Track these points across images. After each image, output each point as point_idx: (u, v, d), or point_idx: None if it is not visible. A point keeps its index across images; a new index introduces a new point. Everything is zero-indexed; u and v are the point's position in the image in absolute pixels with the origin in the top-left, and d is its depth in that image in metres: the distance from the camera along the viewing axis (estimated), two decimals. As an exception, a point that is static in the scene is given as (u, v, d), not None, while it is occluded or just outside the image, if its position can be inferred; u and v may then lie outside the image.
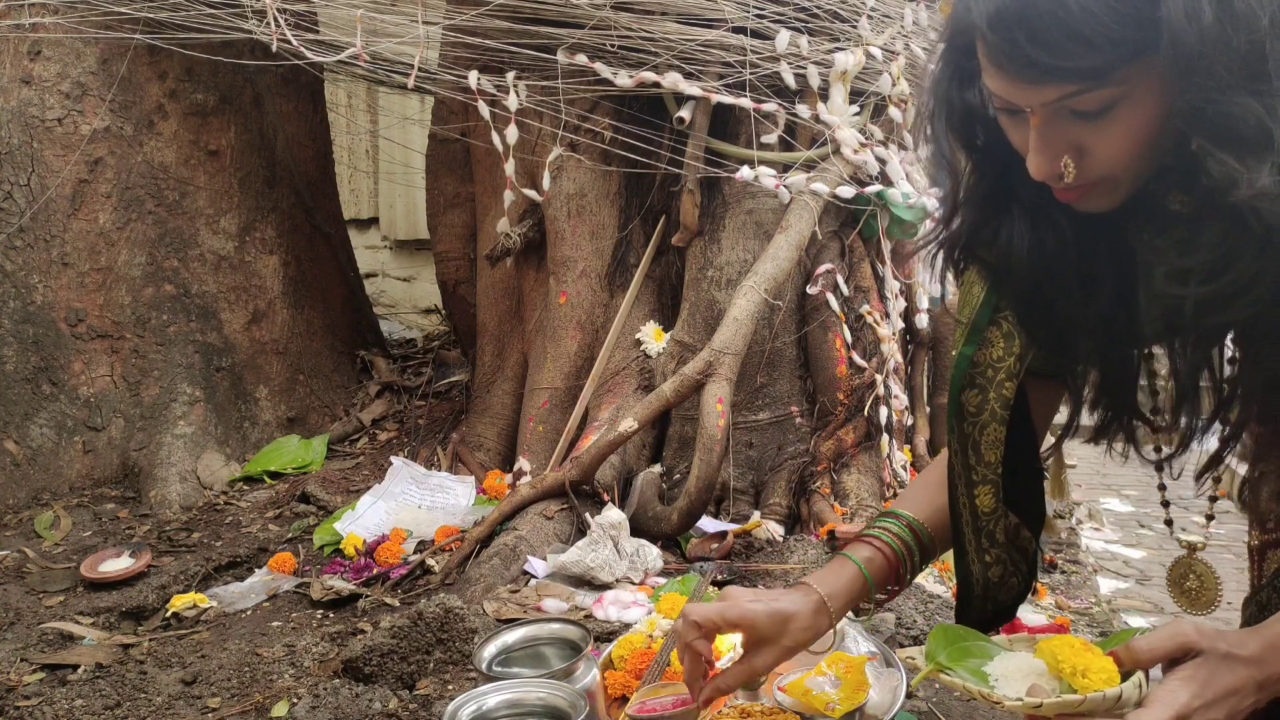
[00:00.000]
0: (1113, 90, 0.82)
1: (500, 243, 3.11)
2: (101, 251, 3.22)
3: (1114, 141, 0.86)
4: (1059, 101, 0.83)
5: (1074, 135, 0.86)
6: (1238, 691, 0.86)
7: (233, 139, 3.46)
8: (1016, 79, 0.84)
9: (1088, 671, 0.87)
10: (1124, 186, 0.90)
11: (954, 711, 1.59)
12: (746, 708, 1.36)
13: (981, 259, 1.05)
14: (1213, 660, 0.87)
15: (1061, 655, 0.89)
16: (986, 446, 1.10)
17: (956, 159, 1.01)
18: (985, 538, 1.13)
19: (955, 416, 1.12)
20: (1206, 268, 0.84)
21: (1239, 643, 0.87)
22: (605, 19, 2.72)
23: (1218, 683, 0.86)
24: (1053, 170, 0.88)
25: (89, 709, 1.72)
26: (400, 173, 5.46)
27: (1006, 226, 1.00)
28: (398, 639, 1.79)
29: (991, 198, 1.01)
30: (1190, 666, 0.87)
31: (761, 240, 2.78)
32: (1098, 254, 0.98)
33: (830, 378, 2.79)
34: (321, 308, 3.80)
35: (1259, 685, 0.87)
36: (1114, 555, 3.05)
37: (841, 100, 2.79)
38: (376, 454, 3.41)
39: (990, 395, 1.09)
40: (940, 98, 0.97)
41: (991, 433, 1.09)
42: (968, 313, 1.12)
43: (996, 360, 1.09)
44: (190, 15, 2.93)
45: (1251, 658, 0.87)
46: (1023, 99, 0.85)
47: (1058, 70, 0.81)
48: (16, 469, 3.06)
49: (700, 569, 2.29)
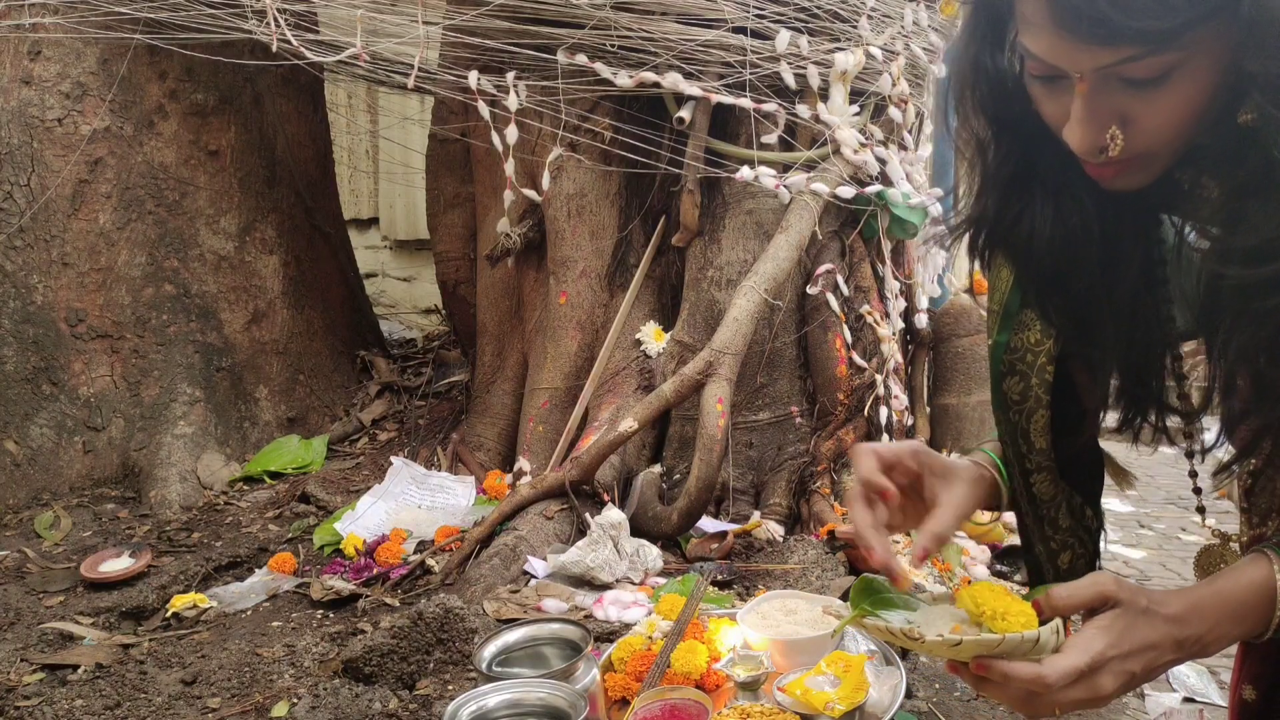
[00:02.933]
0: (1174, 55, 0.76)
1: (500, 243, 3.11)
2: (101, 251, 3.22)
3: (1163, 113, 0.80)
4: (1114, 65, 0.77)
5: (1122, 105, 0.81)
6: (1155, 646, 0.87)
7: (233, 139, 3.46)
8: (1079, 38, 0.77)
9: (1006, 615, 0.88)
10: (1160, 162, 0.85)
11: (954, 712, 1.59)
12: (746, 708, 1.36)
13: (1007, 244, 1.01)
14: (1131, 613, 0.87)
15: (981, 599, 0.90)
16: (1036, 433, 1.06)
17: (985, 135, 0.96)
18: (1049, 525, 1.10)
19: (1000, 407, 1.08)
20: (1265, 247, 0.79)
21: (1161, 600, 0.88)
22: (605, 19, 2.72)
23: (1135, 635, 0.86)
24: (1097, 142, 0.82)
25: (89, 709, 1.72)
26: (400, 173, 5.45)
27: (1030, 210, 0.95)
28: (398, 639, 1.79)
29: (1016, 180, 0.96)
30: (1108, 617, 0.87)
31: (761, 240, 2.78)
32: (1123, 235, 0.94)
33: (830, 378, 2.79)
34: (321, 308, 3.80)
35: (1178, 643, 0.87)
36: (1114, 555, 3.05)
37: (841, 100, 2.79)
38: (376, 454, 3.41)
39: (1033, 381, 1.05)
40: (970, 64, 0.92)
41: (1039, 419, 1.05)
42: (998, 298, 1.08)
43: (1035, 344, 1.05)
44: (190, 15, 2.93)
45: (1173, 616, 0.87)
46: (1075, 62, 0.79)
47: (1127, 30, 0.74)
48: (16, 469, 3.06)
49: (700, 569, 2.29)
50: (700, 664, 1.51)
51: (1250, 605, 0.87)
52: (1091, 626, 0.87)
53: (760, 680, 1.46)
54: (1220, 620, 0.88)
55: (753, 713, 1.35)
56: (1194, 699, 1.94)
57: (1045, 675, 0.85)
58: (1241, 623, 0.88)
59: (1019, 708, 0.91)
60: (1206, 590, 0.89)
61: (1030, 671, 0.85)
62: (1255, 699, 1.05)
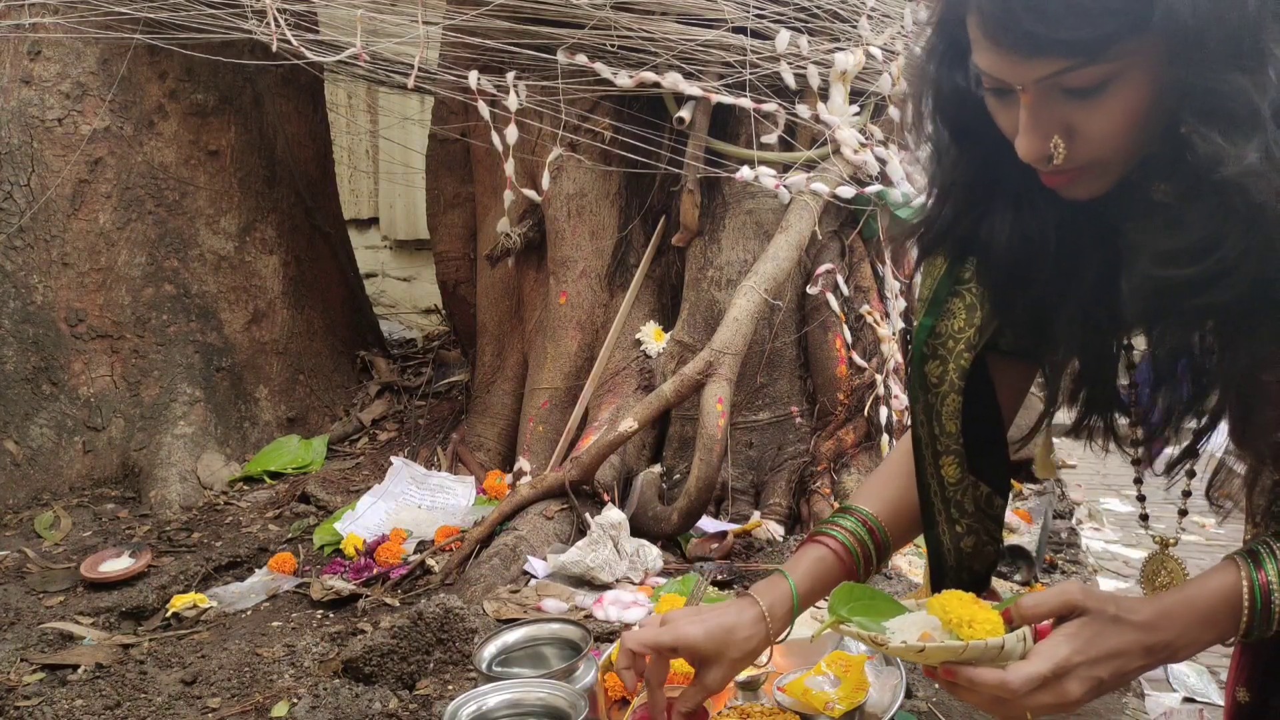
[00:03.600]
0: (1107, 66, 0.81)
1: (500, 243, 3.11)
2: (101, 251, 3.22)
3: (1105, 122, 0.84)
4: (1052, 77, 0.82)
5: (1065, 114, 0.85)
6: (1124, 653, 0.89)
7: (233, 139, 3.46)
8: (1010, 52, 0.83)
9: (973, 623, 0.91)
10: (1113, 171, 0.89)
11: (954, 712, 1.59)
12: (746, 708, 1.36)
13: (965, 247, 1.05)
14: (1099, 621, 0.89)
15: (950, 607, 0.93)
16: (947, 417, 1.10)
17: (942, 143, 1.00)
18: (954, 508, 1.13)
19: (919, 387, 1.13)
20: (1193, 249, 0.83)
21: (1131, 608, 0.90)
22: (605, 19, 2.72)
23: (1103, 643, 0.88)
24: (1042, 150, 0.87)
25: (89, 709, 1.72)
26: (400, 173, 5.46)
27: (989, 217, 0.99)
28: (398, 639, 1.79)
29: (975, 187, 1.00)
30: (1075, 624, 0.90)
31: (761, 240, 2.78)
32: (1081, 243, 0.98)
33: (830, 378, 2.79)
34: (321, 308, 3.80)
35: (1147, 650, 0.89)
36: (1114, 555, 3.05)
37: (841, 100, 2.79)
38: (376, 454, 3.41)
39: (950, 366, 1.09)
40: (929, 79, 0.97)
41: (951, 403, 1.10)
42: (929, 284, 1.12)
43: (957, 331, 1.09)
44: (190, 15, 2.93)
45: (1142, 623, 0.89)
46: (1015, 75, 0.84)
47: (1053, 43, 0.80)
48: (16, 469, 3.06)
49: (700, 569, 2.29)
50: (700, 664, 1.50)
51: (1219, 611, 0.89)
52: (1058, 634, 0.90)
53: (760, 680, 1.46)
54: (1189, 627, 0.90)
55: (753, 713, 1.35)
56: (1194, 699, 1.94)
57: (1009, 681, 0.88)
58: (1211, 628, 0.90)
59: (989, 711, 0.94)
60: (1176, 598, 0.91)
61: (995, 678, 0.88)
62: (1249, 700, 1.07)
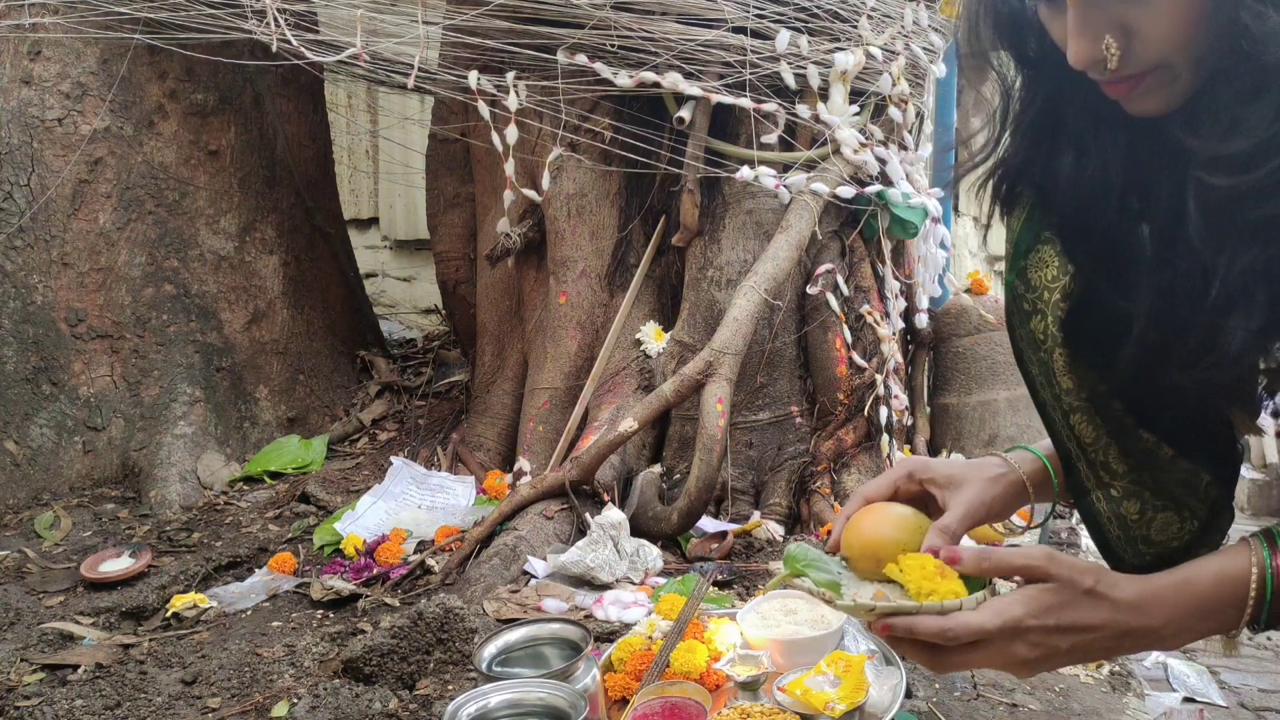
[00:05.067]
0: None
1: (500, 243, 3.11)
2: (101, 251, 3.22)
3: (1162, 19, 0.77)
4: None
5: (1117, 13, 0.78)
6: (1093, 629, 0.84)
7: (233, 139, 3.46)
8: None
9: (934, 594, 0.88)
10: (1182, 78, 0.81)
11: (954, 712, 1.59)
12: (746, 708, 1.36)
13: (1034, 185, 0.97)
14: (1068, 591, 0.84)
15: (910, 575, 0.90)
16: (1059, 373, 0.99)
17: (1010, 76, 0.93)
18: (1102, 470, 0.99)
19: (1029, 347, 1.02)
20: (1253, 152, 0.75)
21: (1114, 583, 0.85)
22: (605, 19, 2.72)
23: (1068, 613, 0.84)
24: (1092, 53, 0.80)
25: (89, 709, 1.72)
26: (400, 173, 5.45)
27: (1055, 157, 0.92)
28: (398, 639, 1.79)
29: (1040, 125, 0.93)
30: (1036, 589, 0.85)
31: (761, 240, 2.78)
32: (1155, 175, 0.89)
33: (830, 378, 2.79)
34: (321, 308, 3.80)
35: (1124, 632, 0.84)
36: (1114, 555, 3.05)
37: (841, 100, 2.79)
38: (376, 454, 3.41)
39: (1049, 318, 0.98)
40: (989, 5, 0.89)
41: (1059, 358, 0.99)
42: (1010, 238, 1.03)
43: (1050, 281, 0.98)
44: (190, 15, 2.93)
45: (1124, 601, 0.84)
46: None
47: None
48: (16, 469, 3.06)
49: (700, 569, 2.29)
50: (700, 664, 1.51)
51: (1221, 599, 0.83)
52: (1018, 593, 0.86)
53: (760, 680, 1.46)
54: (1182, 613, 0.84)
55: (753, 713, 1.35)
56: (1194, 699, 1.94)
57: (948, 628, 0.84)
58: (1210, 617, 0.83)
59: (926, 664, 0.90)
60: (1171, 579, 0.85)
61: (934, 625, 0.84)
62: None
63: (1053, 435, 1.02)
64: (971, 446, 2.94)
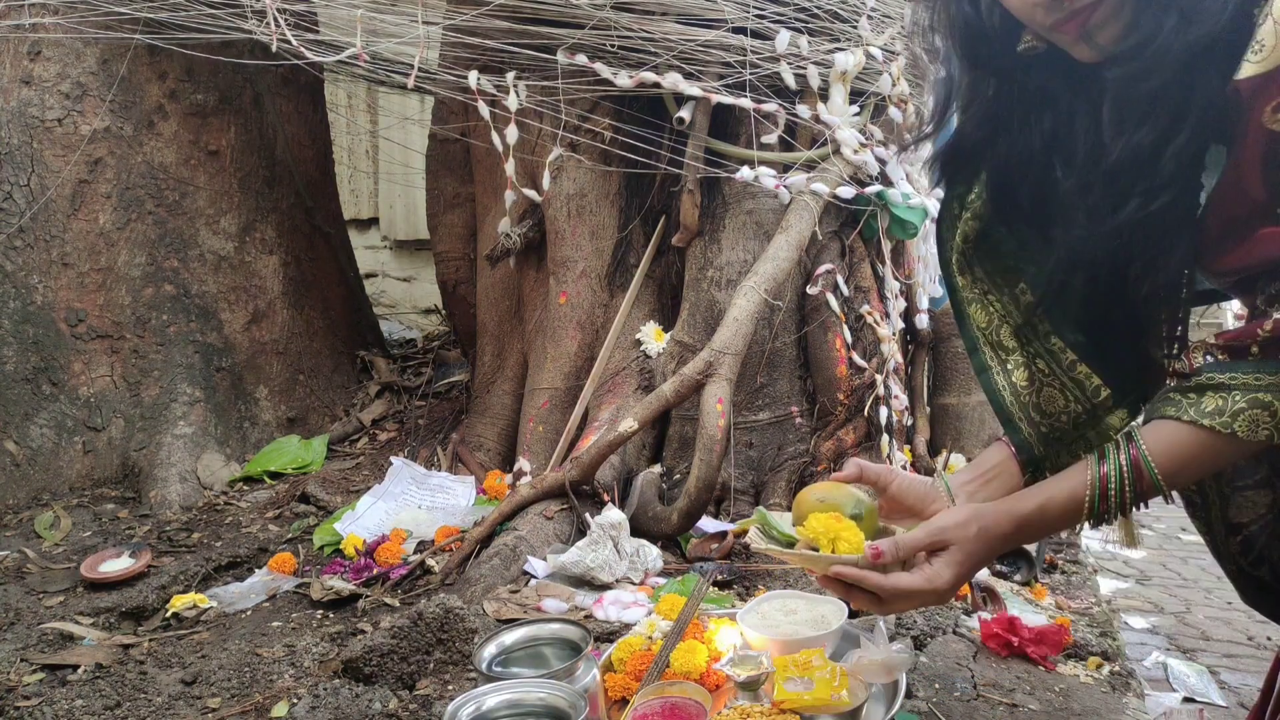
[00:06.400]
0: None
1: (500, 243, 3.11)
2: (101, 251, 3.22)
3: None
4: None
5: None
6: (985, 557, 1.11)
7: (233, 139, 3.47)
8: None
9: (837, 540, 1.13)
10: (1128, 5, 0.97)
11: (954, 712, 1.59)
12: (746, 708, 1.36)
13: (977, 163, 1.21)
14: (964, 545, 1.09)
15: (819, 526, 1.14)
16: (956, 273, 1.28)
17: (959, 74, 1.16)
18: (998, 348, 1.25)
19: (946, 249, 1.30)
20: (1138, 44, 0.95)
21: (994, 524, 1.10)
22: (605, 19, 2.72)
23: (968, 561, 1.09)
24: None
25: (89, 709, 1.72)
26: (400, 173, 5.46)
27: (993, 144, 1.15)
28: (398, 639, 1.79)
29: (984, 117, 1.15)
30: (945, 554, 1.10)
31: (761, 240, 2.78)
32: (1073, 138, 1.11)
33: (830, 378, 2.79)
34: (321, 308, 3.80)
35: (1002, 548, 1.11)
36: (1114, 555, 3.05)
37: (841, 100, 2.79)
38: (376, 454, 3.41)
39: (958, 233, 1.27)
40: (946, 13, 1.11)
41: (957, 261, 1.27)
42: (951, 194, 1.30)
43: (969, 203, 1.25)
44: (190, 15, 2.93)
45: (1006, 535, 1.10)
46: None
47: None
48: (16, 469, 3.06)
49: (700, 569, 2.29)
50: (700, 664, 1.51)
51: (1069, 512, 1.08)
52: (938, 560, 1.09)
53: (760, 680, 1.46)
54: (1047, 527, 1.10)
55: (753, 713, 1.35)
56: (1194, 699, 1.94)
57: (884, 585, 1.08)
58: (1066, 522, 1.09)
59: (872, 608, 1.13)
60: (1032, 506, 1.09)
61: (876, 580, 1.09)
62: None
63: (962, 330, 1.28)
64: (971, 446, 2.94)
